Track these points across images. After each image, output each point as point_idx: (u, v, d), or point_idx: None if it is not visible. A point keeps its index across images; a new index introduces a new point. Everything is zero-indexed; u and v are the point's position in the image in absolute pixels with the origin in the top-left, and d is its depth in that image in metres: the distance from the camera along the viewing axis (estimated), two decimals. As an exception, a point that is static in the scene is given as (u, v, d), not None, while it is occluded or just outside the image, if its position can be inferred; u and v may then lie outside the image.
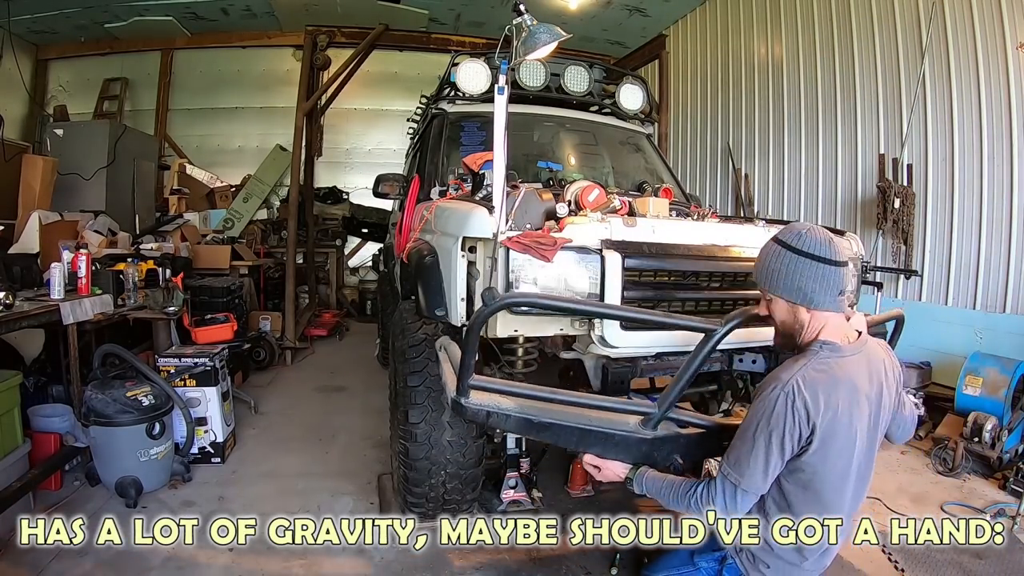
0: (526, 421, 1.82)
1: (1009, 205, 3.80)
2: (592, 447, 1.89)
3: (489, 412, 1.80)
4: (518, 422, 1.83)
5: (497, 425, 1.88)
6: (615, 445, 1.87)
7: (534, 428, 1.84)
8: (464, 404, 1.79)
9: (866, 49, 4.74)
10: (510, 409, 1.82)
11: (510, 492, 2.66)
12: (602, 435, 1.86)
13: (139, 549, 2.39)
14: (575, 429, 1.84)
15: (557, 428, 1.83)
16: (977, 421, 3.27)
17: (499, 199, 2.00)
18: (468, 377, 1.76)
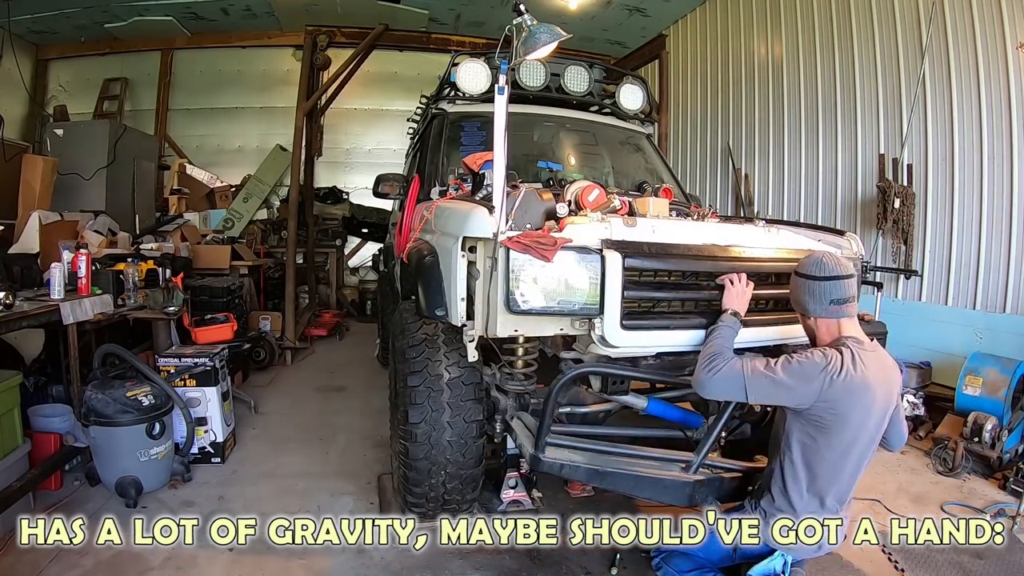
0: (593, 472, 2.14)
1: (1009, 205, 3.80)
2: (644, 491, 2.21)
3: (563, 465, 2.11)
4: (587, 473, 2.14)
5: (570, 476, 2.25)
6: (664, 488, 2.18)
7: (599, 476, 2.15)
8: (542, 459, 2.08)
9: (866, 49, 4.74)
10: (580, 462, 2.14)
11: (510, 492, 2.66)
12: (654, 481, 2.17)
13: (139, 549, 2.39)
14: (631, 477, 2.15)
15: (617, 476, 2.15)
16: (977, 421, 3.27)
17: (499, 199, 2.00)
18: (546, 435, 2.07)
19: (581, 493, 2.94)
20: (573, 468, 2.11)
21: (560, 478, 3.00)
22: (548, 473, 2.17)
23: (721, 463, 2.32)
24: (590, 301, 2.04)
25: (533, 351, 2.36)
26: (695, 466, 2.18)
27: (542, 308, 2.01)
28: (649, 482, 2.16)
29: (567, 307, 2.04)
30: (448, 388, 2.35)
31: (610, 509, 2.84)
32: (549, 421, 2.03)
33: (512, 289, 2.00)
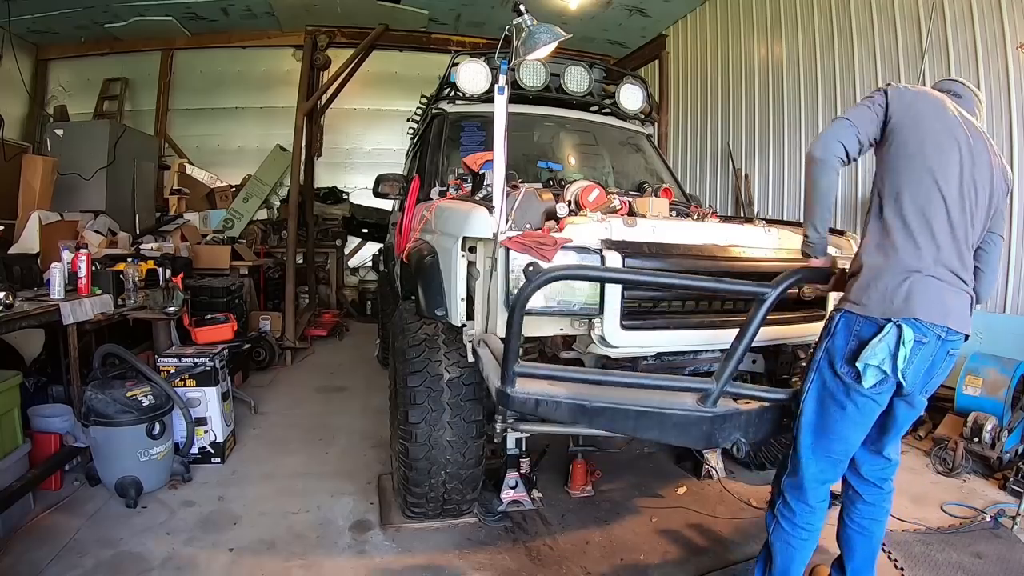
0: (579, 407, 1.75)
1: (1009, 205, 3.79)
2: (649, 430, 1.83)
3: (538, 400, 1.73)
4: (570, 409, 1.75)
5: (547, 414, 1.78)
6: (673, 426, 1.81)
7: (587, 414, 1.76)
8: (511, 394, 1.71)
9: (866, 49, 4.73)
10: (560, 396, 1.74)
11: (510, 492, 2.65)
12: (659, 416, 1.78)
13: (139, 549, 2.39)
14: (631, 411, 1.77)
15: (612, 412, 1.76)
16: (977, 421, 3.27)
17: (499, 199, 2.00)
18: (514, 363, 1.68)
19: (581, 493, 2.94)
20: (552, 404, 1.73)
21: (559, 478, 3.02)
22: (520, 412, 1.83)
23: (750, 390, 1.92)
24: (590, 301, 2.04)
25: (533, 351, 2.36)
26: (715, 394, 1.80)
27: (542, 308, 2.01)
28: (654, 418, 1.77)
29: (567, 307, 2.04)
30: (448, 388, 2.35)
31: (610, 509, 2.84)
32: (517, 344, 1.66)
33: (512, 289, 2.00)
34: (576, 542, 2.56)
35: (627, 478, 3.17)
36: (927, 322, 1.64)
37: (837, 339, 1.74)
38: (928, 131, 1.71)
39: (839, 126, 1.77)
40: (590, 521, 2.73)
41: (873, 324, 1.67)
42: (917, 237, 1.67)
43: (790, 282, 1.78)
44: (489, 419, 2.45)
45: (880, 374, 1.65)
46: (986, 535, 2.63)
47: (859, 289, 1.72)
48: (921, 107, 1.73)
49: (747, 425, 1.89)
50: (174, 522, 2.62)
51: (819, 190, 1.82)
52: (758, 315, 1.75)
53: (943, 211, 1.68)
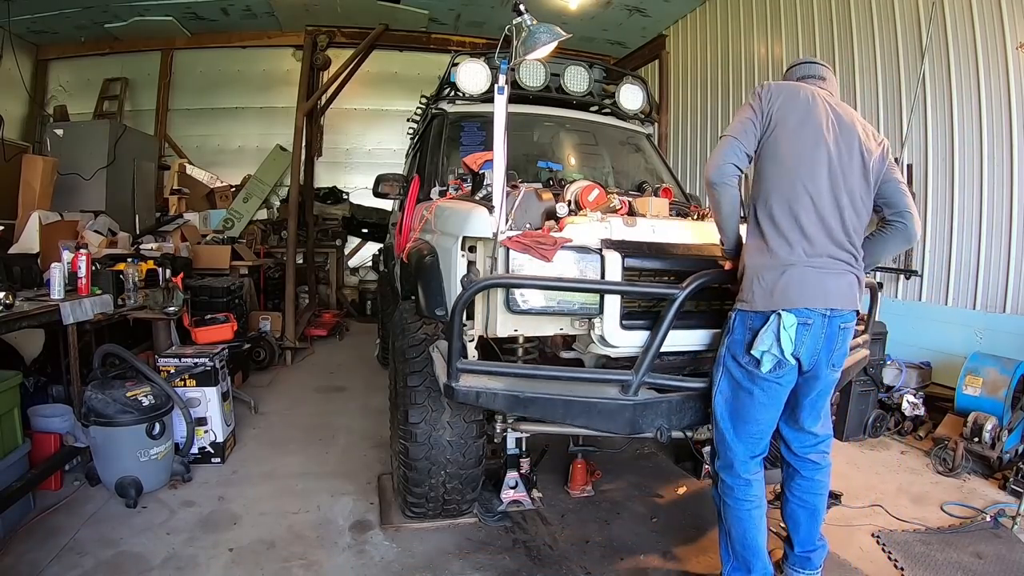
0: (513, 398, 1.95)
1: (1009, 205, 3.80)
2: (577, 418, 2.00)
3: (479, 392, 1.94)
4: (506, 399, 1.96)
5: (487, 404, 2.00)
6: (599, 413, 1.99)
7: (521, 404, 1.97)
8: (455, 387, 1.92)
9: (866, 49, 4.74)
10: (497, 388, 1.95)
11: (510, 492, 2.66)
12: (585, 405, 1.97)
13: (139, 549, 2.39)
14: (559, 401, 1.96)
15: (542, 402, 1.96)
16: (977, 421, 3.27)
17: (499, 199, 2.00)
18: (456, 361, 1.91)
19: (581, 493, 2.94)
20: (490, 396, 1.94)
21: (559, 478, 3.02)
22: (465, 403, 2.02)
23: (670, 380, 2.06)
24: (589, 301, 2.04)
25: (533, 351, 2.36)
26: (635, 385, 1.99)
27: (542, 308, 2.01)
28: (581, 407, 1.97)
29: (567, 307, 2.04)
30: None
31: (610, 509, 2.84)
32: (459, 344, 1.90)
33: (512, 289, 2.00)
34: (576, 542, 2.56)
35: (627, 478, 3.17)
36: (804, 306, 1.81)
37: (735, 334, 1.93)
38: (793, 135, 1.84)
39: (726, 146, 1.88)
40: (590, 521, 2.73)
41: (761, 317, 1.85)
42: (788, 235, 1.83)
43: (695, 285, 1.97)
44: (489, 419, 2.45)
45: (773, 359, 1.83)
46: (986, 535, 2.63)
47: (745, 289, 1.90)
48: (787, 110, 1.85)
49: (669, 412, 2.06)
50: (174, 522, 2.62)
51: (723, 211, 1.95)
52: (669, 313, 1.95)
53: (811, 207, 1.83)
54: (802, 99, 1.87)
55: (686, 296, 1.95)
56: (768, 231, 1.86)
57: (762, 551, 2.00)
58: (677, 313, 1.95)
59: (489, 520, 2.65)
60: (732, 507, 1.99)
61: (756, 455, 2.00)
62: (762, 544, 2.00)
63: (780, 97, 1.87)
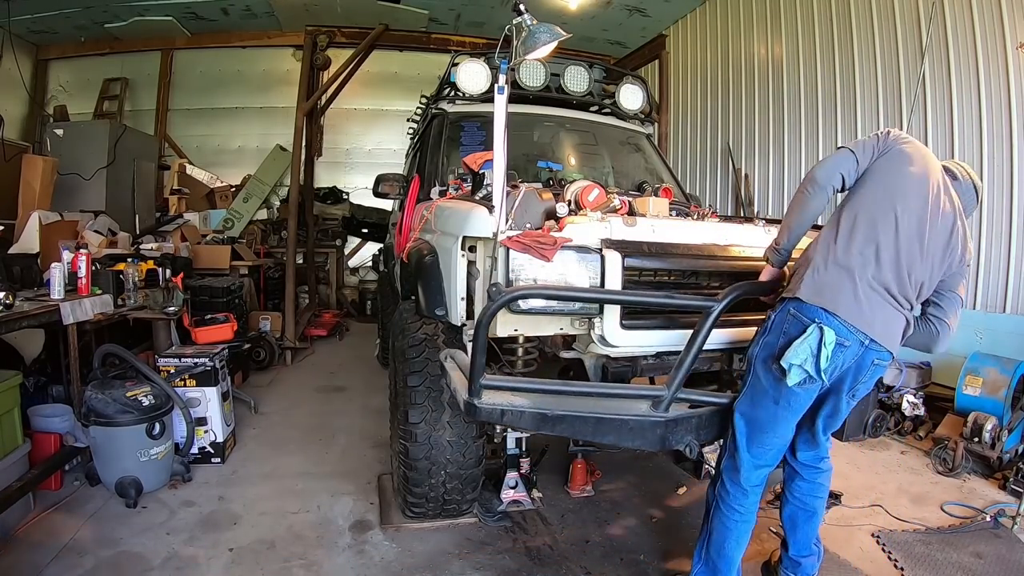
0: (541, 416, 1.85)
1: (1009, 205, 3.80)
2: (607, 436, 1.91)
3: (504, 411, 1.83)
4: (533, 418, 1.85)
5: (512, 423, 1.89)
6: (630, 431, 1.90)
7: (549, 422, 1.86)
8: (478, 406, 1.81)
9: (866, 49, 4.74)
10: (524, 406, 1.85)
11: (510, 492, 2.66)
12: (616, 422, 1.89)
13: (139, 549, 2.39)
14: (589, 419, 1.87)
15: (572, 419, 1.86)
16: (977, 421, 3.27)
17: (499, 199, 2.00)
18: (480, 377, 1.78)
19: (581, 493, 2.94)
20: (516, 414, 1.83)
21: (559, 478, 3.02)
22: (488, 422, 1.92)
23: (700, 395, 2.04)
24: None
25: (533, 351, 2.36)
26: (667, 401, 1.92)
27: (542, 308, 2.01)
28: (611, 424, 1.88)
29: (567, 307, 2.04)
30: (448, 388, 2.35)
31: (610, 509, 2.84)
32: (482, 359, 1.77)
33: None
34: (576, 542, 2.55)
35: (627, 478, 3.17)
36: (848, 323, 1.73)
37: (770, 336, 1.84)
38: (902, 174, 1.78)
39: (843, 156, 1.83)
40: (590, 521, 2.73)
41: (799, 323, 1.76)
42: (863, 248, 1.76)
43: (732, 297, 1.89)
44: (489, 419, 2.45)
45: (803, 373, 1.73)
46: (986, 535, 2.63)
47: (796, 277, 1.84)
48: (905, 157, 1.80)
49: (698, 427, 2.00)
50: (174, 522, 2.62)
51: (807, 210, 1.89)
52: (705, 326, 1.86)
53: (893, 234, 1.75)
54: (922, 156, 1.82)
55: (723, 308, 1.86)
56: (844, 235, 1.79)
57: (735, 563, 1.98)
58: (713, 325, 1.87)
59: (489, 520, 2.65)
60: (722, 512, 1.97)
61: (764, 466, 1.95)
62: (737, 557, 1.98)
63: (904, 145, 1.82)
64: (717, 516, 1.98)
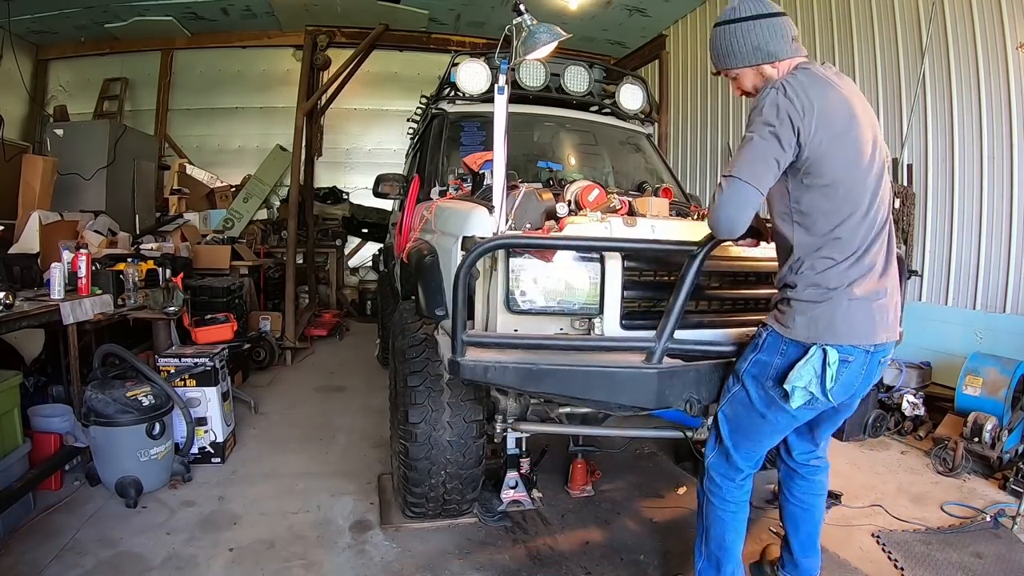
0: (526, 371, 1.80)
1: (1009, 205, 3.80)
2: (597, 391, 1.86)
3: (487, 367, 1.79)
4: (518, 373, 1.81)
5: (497, 379, 1.85)
6: (620, 384, 1.84)
7: (534, 377, 1.81)
8: (461, 363, 1.78)
9: (866, 49, 4.74)
10: (508, 361, 1.81)
11: (510, 492, 2.66)
12: (605, 376, 1.82)
13: (139, 549, 2.39)
14: (578, 373, 1.81)
15: (558, 374, 1.81)
16: (977, 421, 3.27)
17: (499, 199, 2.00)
18: (462, 332, 1.76)
19: (581, 493, 2.94)
20: (500, 370, 1.78)
21: (559, 478, 3.02)
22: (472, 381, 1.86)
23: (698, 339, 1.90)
24: (590, 301, 2.04)
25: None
26: (659, 351, 1.81)
27: (542, 308, 2.01)
28: (601, 378, 1.80)
29: (567, 307, 2.04)
30: (448, 388, 2.35)
31: (610, 509, 2.84)
32: (463, 313, 1.74)
33: (512, 289, 2.00)
34: (576, 542, 2.56)
35: (627, 478, 3.17)
36: (849, 344, 1.64)
37: (762, 354, 1.74)
38: (834, 150, 1.58)
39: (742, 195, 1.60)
40: (590, 521, 2.73)
41: (799, 346, 1.66)
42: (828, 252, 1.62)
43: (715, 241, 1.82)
44: (489, 419, 2.45)
45: (807, 395, 1.65)
46: (986, 535, 2.63)
47: (785, 313, 1.70)
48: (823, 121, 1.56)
49: (697, 382, 1.90)
50: (174, 522, 2.62)
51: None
52: (690, 271, 1.82)
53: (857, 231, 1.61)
54: (835, 97, 1.60)
55: (707, 252, 1.81)
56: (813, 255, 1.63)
57: (736, 553, 1.96)
58: (699, 269, 1.82)
59: (489, 520, 2.65)
60: (716, 506, 1.95)
61: (752, 465, 1.93)
62: (738, 547, 1.96)
63: (813, 105, 1.56)
64: (711, 511, 1.96)
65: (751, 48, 1.69)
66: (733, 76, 1.78)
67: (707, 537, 1.98)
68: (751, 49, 1.69)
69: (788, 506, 2.11)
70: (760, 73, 1.72)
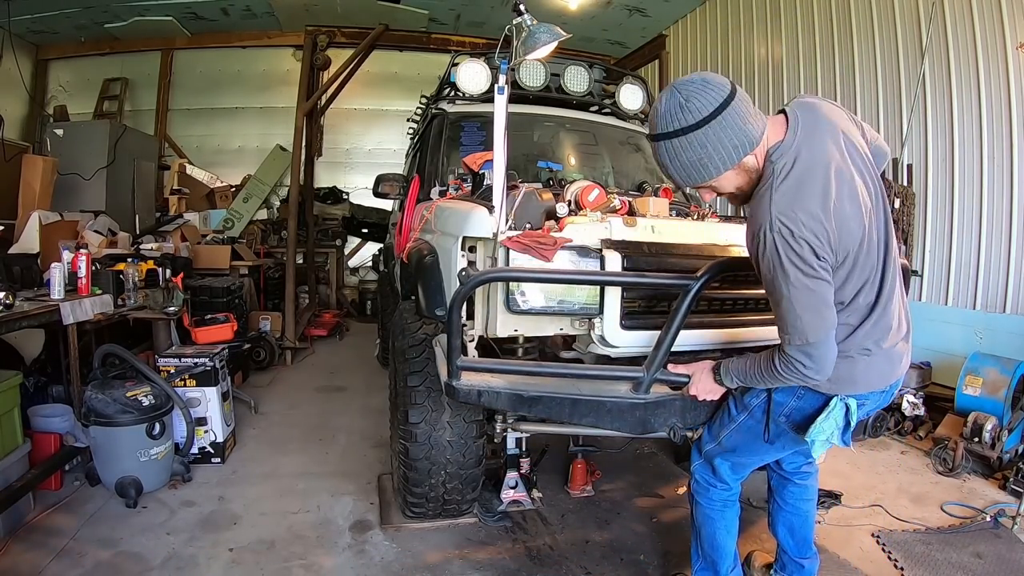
0: (517, 396, 1.87)
1: (1009, 205, 3.80)
2: (585, 417, 1.90)
3: (480, 391, 1.86)
4: (509, 398, 1.87)
5: (489, 403, 1.90)
6: (608, 412, 1.89)
7: (525, 403, 1.88)
8: (456, 386, 1.85)
9: (866, 49, 4.74)
10: (500, 387, 1.87)
11: (510, 492, 2.66)
12: (593, 404, 1.88)
13: (139, 549, 2.39)
14: (566, 400, 1.87)
15: (548, 400, 1.87)
16: (977, 421, 3.27)
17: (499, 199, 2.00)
18: (456, 359, 1.83)
19: (581, 493, 2.94)
20: (493, 395, 1.85)
21: (559, 478, 3.02)
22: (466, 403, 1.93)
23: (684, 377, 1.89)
24: (590, 301, 2.04)
25: (533, 351, 2.36)
26: (646, 382, 1.86)
27: (542, 308, 2.01)
28: (588, 406, 1.86)
29: (567, 307, 2.04)
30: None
31: (610, 509, 2.84)
32: (458, 341, 1.81)
33: (512, 289, 2.00)
34: (576, 542, 2.56)
35: (627, 478, 3.17)
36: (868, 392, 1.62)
37: (777, 395, 1.67)
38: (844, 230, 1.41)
39: (825, 326, 1.45)
40: (590, 521, 2.73)
41: (817, 395, 1.60)
42: (854, 325, 1.53)
43: (712, 274, 1.80)
44: (489, 419, 2.45)
45: (828, 445, 1.61)
46: (986, 535, 2.63)
47: None
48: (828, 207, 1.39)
49: (683, 411, 1.95)
50: (174, 522, 2.62)
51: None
52: (683, 305, 1.80)
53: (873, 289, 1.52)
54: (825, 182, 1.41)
55: (701, 286, 1.79)
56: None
57: (730, 553, 1.96)
58: (692, 305, 1.80)
59: (489, 520, 2.65)
60: (704, 506, 1.94)
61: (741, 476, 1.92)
62: (731, 546, 1.96)
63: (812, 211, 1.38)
64: (699, 511, 1.96)
65: (729, 148, 1.42)
66: (710, 186, 1.53)
67: (700, 538, 1.99)
68: (730, 149, 1.42)
69: (782, 514, 2.09)
70: (743, 169, 1.48)
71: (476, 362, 1.96)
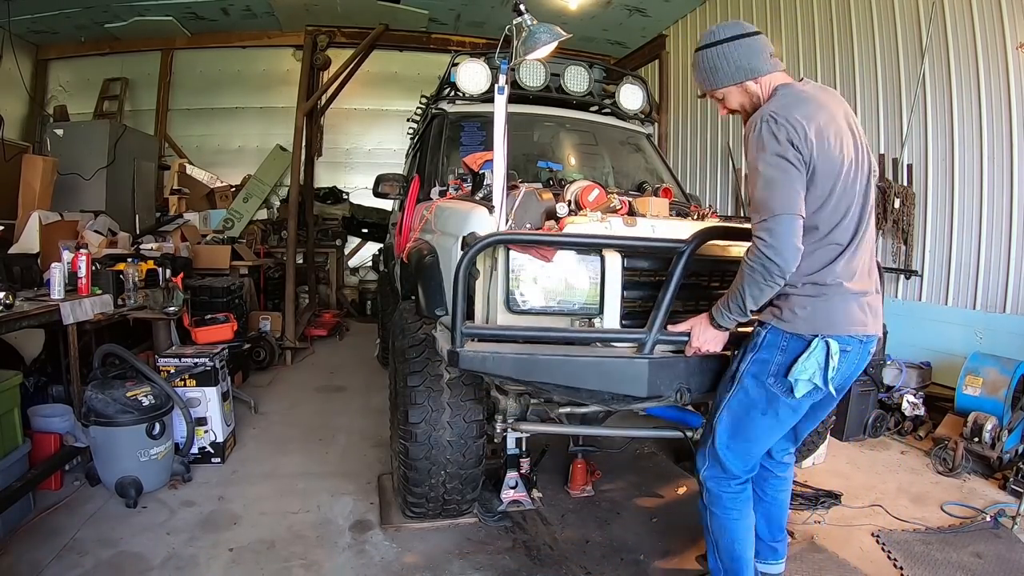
0: (523, 361, 1.89)
1: (1009, 205, 3.80)
2: (591, 380, 1.93)
3: (486, 357, 1.87)
4: (515, 363, 1.89)
5: (495, 369, 1.92)
6: (612, 374, 1.92)
7: (530, 368, 1.90)
8: (461, 353, 1.85)
9: (866, 49, 4.74)
10: (505, 352, 1.89)
11: (510, 492, 2.66)
12: (598, 364, 1.91)
13: (139, 549, 2.39)
14: (571, 362, 1.90)
15: (554, 363, 1.89)
16: (977, 421, 3.27)
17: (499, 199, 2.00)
18: (461, 324, 1.83)
19: (581, 493, 2.94)
20: (499, 360, 1.87)
21: (559, 478, 3.02)
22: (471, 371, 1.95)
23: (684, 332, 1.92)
24: (590, 301, 2.04)
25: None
26: (650, 342, 1.89)
27: (542, 308, 2.01)
28: (592, 368, 1.89)
29: (567, 307, 2.04)
30: (448, 388, 2.35)
31: (610, 509, 2.84)
32: (463, 306, 1.82)
33: (512, 289, 2.00)
34: (576, 542, 2.56)
35: (627, 478, 3.17)
36: (847, 334, 1.71)
37: (762, 353, 1.77)
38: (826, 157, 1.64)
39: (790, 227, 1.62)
40: (590, 521, 2.73)
41: (800, 340, 1.70)
42: (821, 251, 1.69)
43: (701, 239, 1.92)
44: (489, 419, 2.45)
45: (810, 386, 1.71)
46: (986, 535, 2.63)
47: (783, 308, 1.73)
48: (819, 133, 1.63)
49: (688, 373, 1.96)
50: (174, 522, 2.62)
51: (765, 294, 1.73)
52: (678, 268, 1.90)
53: (846, 233, 1.69)
54: (821, 116, 1.66)
55: (693, 249, 1.90)
56: (809, 251, 1.67)
57: (750, 563, 1.96)
58: (685, 268, 1.90)
59: (489, 520, 2.65)
60: (719, 516, 1.93)
61: (748, 469, 1.93)
62: (749, 556, 1.95)
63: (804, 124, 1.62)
64: (715, 523, 1.95)
65: (734, 67, 1.77)
66: (719, 96, 1.86)
67: (719, 550, 1.97)
68: (735, 68, 1.77)
69: (761, 505, 2.10)
70: (745, 90, 1.79)
71: (481, 328, 1.96)
